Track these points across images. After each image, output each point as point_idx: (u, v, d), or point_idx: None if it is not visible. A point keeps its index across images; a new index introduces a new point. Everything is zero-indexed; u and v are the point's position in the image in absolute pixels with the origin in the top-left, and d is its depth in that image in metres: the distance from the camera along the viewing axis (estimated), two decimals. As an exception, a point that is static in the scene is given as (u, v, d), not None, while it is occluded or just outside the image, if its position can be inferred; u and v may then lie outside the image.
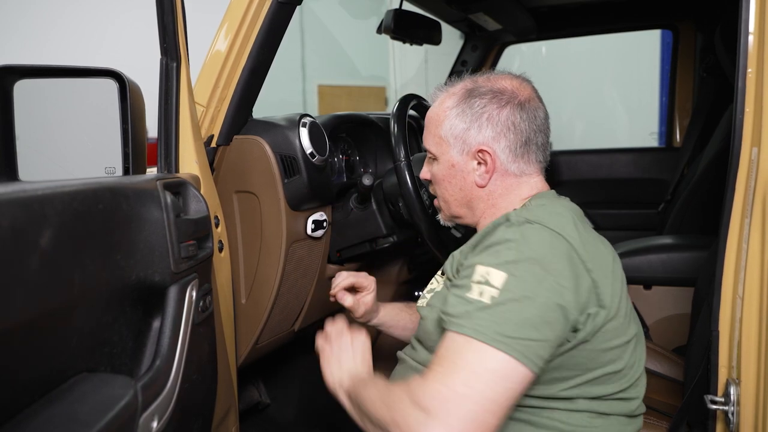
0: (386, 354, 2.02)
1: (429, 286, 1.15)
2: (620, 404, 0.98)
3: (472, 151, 1.04)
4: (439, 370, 0.83)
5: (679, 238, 2.02)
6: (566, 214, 0.98)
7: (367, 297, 1.28)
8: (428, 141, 1.11)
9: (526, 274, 0.86)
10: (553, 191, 1.08)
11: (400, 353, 1.15)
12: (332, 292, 1.29)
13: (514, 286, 0.85)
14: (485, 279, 0.86)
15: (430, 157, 1.13)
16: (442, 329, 0.91)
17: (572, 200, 1.08)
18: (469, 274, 0.89)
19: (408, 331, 1.32)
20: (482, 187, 1.05)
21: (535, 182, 1.06)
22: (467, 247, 1.02)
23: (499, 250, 0.89)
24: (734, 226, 1.03)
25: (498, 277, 0.86)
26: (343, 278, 1.28)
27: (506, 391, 0.81)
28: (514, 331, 0.82)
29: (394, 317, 1.34)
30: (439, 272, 1.17)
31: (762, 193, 0.99)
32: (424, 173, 1.17)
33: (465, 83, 1.07)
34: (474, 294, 0.86)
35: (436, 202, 1.18)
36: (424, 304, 1.08)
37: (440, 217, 1.19)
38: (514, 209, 1.01)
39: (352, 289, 1.29)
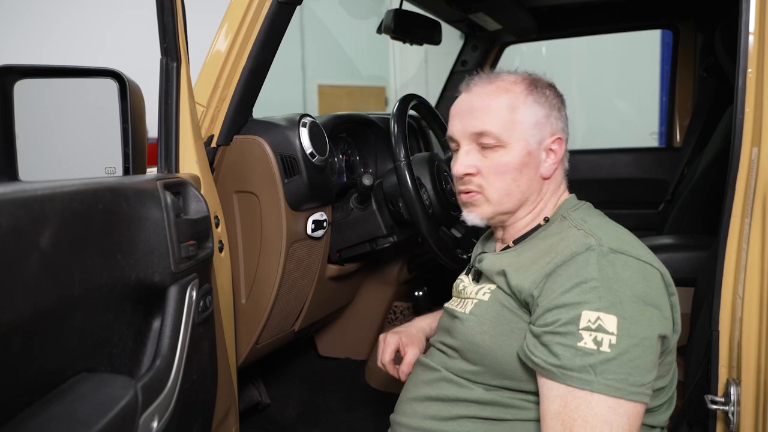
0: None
1: (463, 289, 1.07)
2: (657, 416, 0.98)
3: (548, 140, 1.00)
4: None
5: (679, 238, 2.02)
6: (628, 233, 0.96)
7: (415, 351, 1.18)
8: (492, 128, 0.97)
9: (636, 313, 0.83)
10: (574, 196, 1.06)
11: (423, 358, 1.09)
12: (387, 364, 1.17)
13: (629, 330, 0.82)
14: (597, 325, 0.82)
15: (483, 146, 0.99)
16: (523, 365, 0.90)
17: None
18: (573, 320, 0.83)
19: None
20: (547, 179, 1.01)
21: (564, 183, 1.07)
22: (537, 273, 0.90)
23: (597, 289, 0.84)
24: (734, 226, 1.03)
25: (611, 321, 0.82)
26: (387, 347, 1.17)
27: (635, 430, 0.82)
28: (644, 376, 0.82)
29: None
30: (468, 276, 1.09)
31: (762, 193, 0.99)
32: (467, 167, 1.00)
33: (521, 75, 1.03)
34: (588, 343, 0.81)
35: (467, 198, 1.02)
36: (466, 312, 0.99)
37: (470, 215, 1.03)
38: (579, 229, 0.94)
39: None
